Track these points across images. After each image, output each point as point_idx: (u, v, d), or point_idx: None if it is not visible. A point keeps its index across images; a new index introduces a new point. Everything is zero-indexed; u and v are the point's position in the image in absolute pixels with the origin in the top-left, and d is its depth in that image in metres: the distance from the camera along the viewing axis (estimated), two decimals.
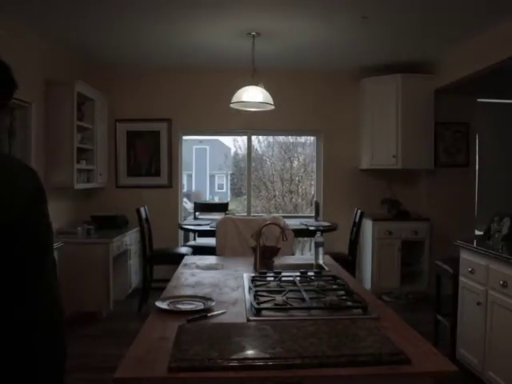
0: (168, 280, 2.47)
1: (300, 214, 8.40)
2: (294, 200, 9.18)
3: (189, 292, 2.17)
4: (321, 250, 2.81)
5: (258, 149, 9.16)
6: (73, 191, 4.89)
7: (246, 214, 6.08)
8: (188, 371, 1.29)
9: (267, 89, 4.42)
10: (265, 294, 2.02)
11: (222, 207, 6.23)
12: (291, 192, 9.18)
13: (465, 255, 3.28)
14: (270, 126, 5.86)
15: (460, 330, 3.33)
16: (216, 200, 12.38)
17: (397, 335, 1.56)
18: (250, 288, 2.10)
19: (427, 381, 1.33)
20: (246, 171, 6.32)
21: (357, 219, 4.91)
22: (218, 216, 5.60)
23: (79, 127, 4.72)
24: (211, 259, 3.19)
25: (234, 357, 1.34)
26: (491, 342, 2.89)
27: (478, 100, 5.69)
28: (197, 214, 6.08)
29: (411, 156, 5.34)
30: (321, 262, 2.79)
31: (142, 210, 4.88)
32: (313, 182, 7.21)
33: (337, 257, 3.30)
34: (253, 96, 4.31)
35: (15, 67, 1.22)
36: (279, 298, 1.93)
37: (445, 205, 5.54)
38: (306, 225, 5.05)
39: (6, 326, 1.08)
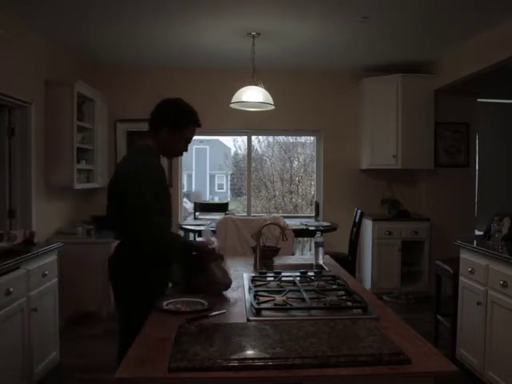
0: None
1: (300, 214, 8.41)
2: (294, 200, 9.18)
3: None
4: (321, 250, 2.80)
5: (258, 149, 9.18)
6: (73, 191, 4.88)
7: (245, 214, 6.07)
8: (188, 371, 1.29)
9: (267, 89, 4.42)
10: (265, 294, 2.02)
11: (222, 207, 6.23)
12: (291, 192, 9.19)
13: (465, 255, 3.29)
14: (269, 126, 5.86)
15: (460, 330, 3.33)
16: (216, 200, 12.40)
17: (397, 335, 1.56)
18: (249, 288, 2.10)
19: (427, 381, 1.33)
20: (246, 171, 6.32)
21: (357, 219, 4.90)
22: (218, 216, 5.61)
23: (79, 127, 4.72)
24: None
25: (234, 357, 1.34)
26: (491, 342, 2.89)
27: (478, 100, 5.69)
28: (197, 214, 6.08)
29: (411, 156, 5.34)
30: (321, 262, 2.78)
31: None
32: (313, 182, 7.22)
33: (337, 257, 3.30)
34: (253, 96, 4.31)
35: (15, 67, 1.22)
36: (279, 298, 1.93)
37: (445, 205, 5.54)
38: (306, 225, 5.04)
39: None
